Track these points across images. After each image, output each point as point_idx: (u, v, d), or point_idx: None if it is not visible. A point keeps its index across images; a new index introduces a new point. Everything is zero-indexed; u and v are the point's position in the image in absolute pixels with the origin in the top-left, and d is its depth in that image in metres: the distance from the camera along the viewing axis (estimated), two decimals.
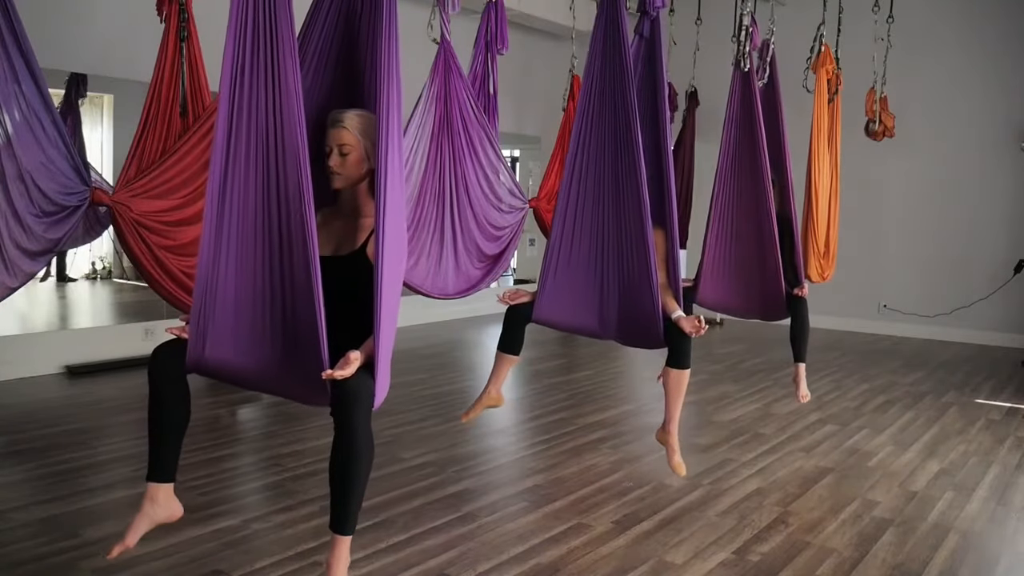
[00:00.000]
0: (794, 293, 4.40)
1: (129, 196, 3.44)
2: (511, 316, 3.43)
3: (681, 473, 3.46)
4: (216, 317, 2.25)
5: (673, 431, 3.44)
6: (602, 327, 3.42)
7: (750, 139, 4.18)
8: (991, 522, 3.39)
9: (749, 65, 4.21)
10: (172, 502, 2.36)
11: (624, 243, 3.29)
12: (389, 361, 2.39)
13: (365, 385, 2.21)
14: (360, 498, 2.28)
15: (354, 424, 2.20)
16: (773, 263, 4.20)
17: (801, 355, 4.54)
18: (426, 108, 3.72)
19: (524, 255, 10.01)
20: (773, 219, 4.17)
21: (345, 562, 2.32)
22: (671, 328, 3.26)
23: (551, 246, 3.38)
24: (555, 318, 3.42)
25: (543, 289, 3.37)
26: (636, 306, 3.30)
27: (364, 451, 2.23)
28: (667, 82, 3.34)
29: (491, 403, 3.57)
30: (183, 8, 3.73)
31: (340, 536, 2.30)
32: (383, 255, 2.19)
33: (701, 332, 3.19)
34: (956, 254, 7.91)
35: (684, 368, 3.30)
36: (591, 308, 3.39)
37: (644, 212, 3.21)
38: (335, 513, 2.28)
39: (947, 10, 7.83)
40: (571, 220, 3.35)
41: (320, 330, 2.16)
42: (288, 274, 2.22)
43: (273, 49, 2.16)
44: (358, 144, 2.41)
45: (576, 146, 3.33)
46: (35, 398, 4.90)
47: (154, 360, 2.29)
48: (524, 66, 8.37)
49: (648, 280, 3.23)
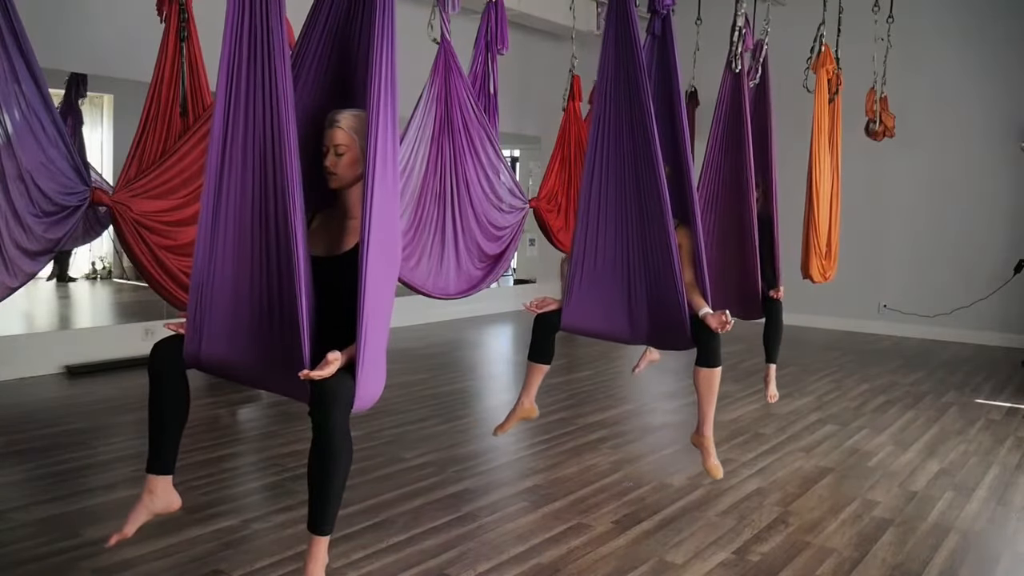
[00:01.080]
0: (771, 295, 4.43)
1: (129, 196, 3.44)
2: (540, 325, 3.41)
3: (717, 476, 3.43)
4: (212, 313, 2.30)
5: (708, 433, 3.40)
6: (633, 331, 3.40)
7: (736, 140, 4.21)
8: (991, 522, 3.39)
9: (741, 66, 4.22)
10: (170, 494, 2.41)
11: (648, 243, 3.27)
12: (379, 362, 2.40)
13: (344, 386, 2.22)
14: (338, 498, 2.29)
15: (331, 424, 2.21)
16: (752, 262, 4.24)
17: (773, 356, 4.59)
18: (426, 108, 3.72)
19: (524, 255, 10.01)
20: (755, 219, 4.20)
21: (322, 563, 2.34)
22: (698, 326, 3.25)
23: (575, 252, 3.36)
24: (585, 325, 3.41)
25: (571, 296, 3.35)
26: (664, 307, 3.28)
27: (341, 451, 2.24)
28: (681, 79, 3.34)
29: (525, 415, 3.57)
30: (183, 8, 3.73)
31: (317, 536, 2.32)
32: (367, 255, 2.20)
33: (727, 328, 3.17)
34: (956, 254, 7.91)
35: (714, 367, 3.27)
36: (620, 312, 3.37)
37: (665, 211, 3.21)
38: (312, 513, 2.30)
39: (947, 10, 7.83)
40: (594, 224, 3.33)
41: (302, 329, 2.18)
42: (276, 272, 2.25)
43: (266, 53, 2.20)
44: (353, 144, 2.41)
45: (594, 151, 3.31)
46: (35, 398, 4.90)
47: (154, 355, 2.35)
48: (524, 66, 8.37)
49: (673, 279, 3.22)
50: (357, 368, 2.24)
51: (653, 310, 3.32)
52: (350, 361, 2.24)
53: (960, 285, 7.86)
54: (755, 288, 4.31)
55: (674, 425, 4.69)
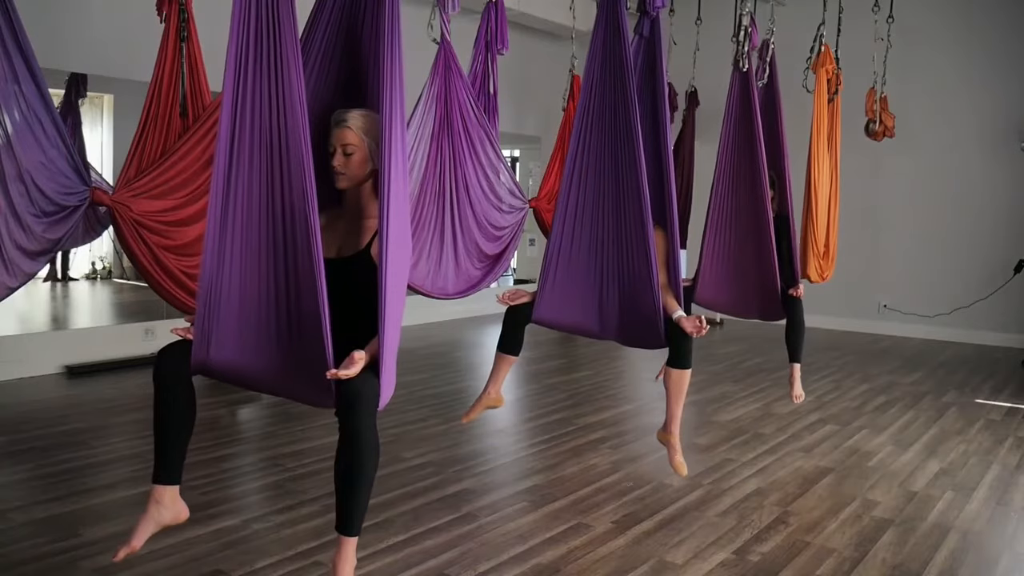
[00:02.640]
0: (790, 293, 4.42)
1: (129, 196, 3.44)
2: (511, 317, 3.43)
3: (682, 473, 3.46)
4: (221, 318, 2.24)
5: (675, 431, 3.45)
6: (602, 328, 3.42)
7: (748, 139, 4.19)
8: (991, 522, 3.39)
9: (748, 65, 4.22)
10: (178, 504, 2.34)
11: (624, 243, 3.29)
12: (394, 361, 2.38)
13: (370, 385, 2.20)
14: (366, 499, 2.27)
15: (359, 425, 2.18)
16: (770, 263, 4.22)
17: (796, 355, 4.57)
18: (426, 108, 3.72)
19: (524, 255, 10.01)
20: (771, 219, 4.18)
21: (351, 563, 2.30)
22: (672, 328, 3.26)
23: (551, 246, 3.38)
24: (555, 318, 3.42)
25: (543, 289, 3.37)
26: (637, 306, 3.30)
27: (369, 452, 2.21)
28: (667, 82, 3.34)
29: (491, 404, 3.57)
30: (183, 8, 3.73)
31: (346, 537, 2.28)
32: (387, 256, 2.18)
33: (702, 332, 3.19)
34: (956, 254, 7.91)
35: (685, 368, 3.31)
36: (591, 308, 3.39)
37: (645, 212, 3.21)
38: (341, 514, 2.27)
39: (947, 10, 7.83)
40: (571, 220, 3.35)
41: (325, 330, 2.15)
42: (292, 275, 2.21)
43: (276, 48, 2.15)
44: (362, 144, 2.40)
45: (576, 146, 3.32)
46: (35, 398, 4.90)
47: (159, 362, 2.28)
48: (524, 66, 8.37)
49: (649, 280, 3.23)
50: (380, 367, 2.22)
51: (625, 308, 3.33)
52: (372, 360, 2.22)
53: (960, 285, 7.86)
54: (774, 288, 4.28)
55: None
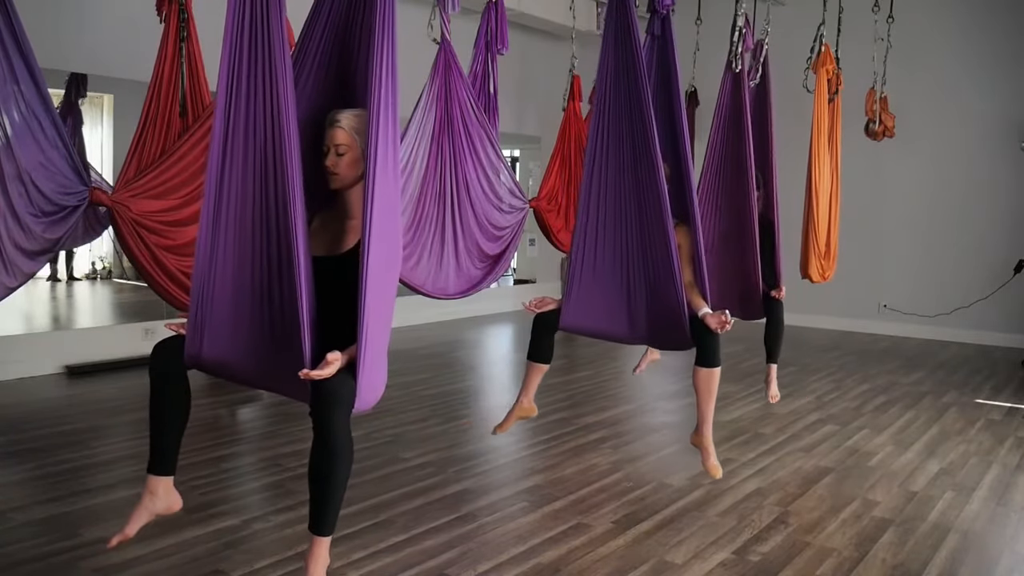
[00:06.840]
0: (771, 295, 4.43)
1: (128, 196, 3.44)
2: (539, 324, 3.41)
3: (717, 476, 3.43)
4: (212, 313, 2.29)
5: (707, 433, 3.40)
6: (632, 331, 3.39)
7: (737, 140, 4.21)
8: (991, 522, 3.39)
9: (741, 66, 4.22)
10: (171, 495, 2.41)
11: (647, 243, 3.27)
12: (380, 363, 2.40)
13: (345, 386, 2.22)
14: (339, 499, 2.29)
15: (332, 425, 2.22)
16: (752, 263, 4.25)
17: (774, 356, 4.59)
18: (426, 108, 3.72)
19: (524, 255, 10.01)
20: (755, 220, 4.20)
21: (323, 563, 2.34)
22: (697, 326, 3.25)
23: (575, 252, 3.36)
24: (584, 324, 3.40)
25: (570, 296, 3.35)
26: (663, 306, 3.28)
27: (342, 452, 2.24)
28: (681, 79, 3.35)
29: (523, 414, 3.58)
30: (183, 8, 3.74)
31: (318, 537, 2.32)
32: (368, 254, 2.20)
33: (727, 328, 3.17)
34: (956, 254, 7.91)
35: (713, 367, 3.27)
36: (620, 312, 3.36)
37: (664, 211, 3.20)
38: (313, 513, 2.31)
39: (947, 10, 7.83)
40: (593, 224, 3.33)
41: (302, 329, 2.17)
42: (277, 272, 2.25)
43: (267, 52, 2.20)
44: (354, 144, 2.41)
45: (594, 149, 3.31)
46: (35, 398, 4.90)
47: (155, 355, 2.35)
48: (524, 66, 8.36)
49: (672, 279, 3.22)
50: (358, 369, 2.23)
51: (652, 310, 3.32)
52: (351, 361, 2.24)
53: (960, 285, 7.86)
54: (756, 288, 4.32)
55: (674, 425, 4.69)
